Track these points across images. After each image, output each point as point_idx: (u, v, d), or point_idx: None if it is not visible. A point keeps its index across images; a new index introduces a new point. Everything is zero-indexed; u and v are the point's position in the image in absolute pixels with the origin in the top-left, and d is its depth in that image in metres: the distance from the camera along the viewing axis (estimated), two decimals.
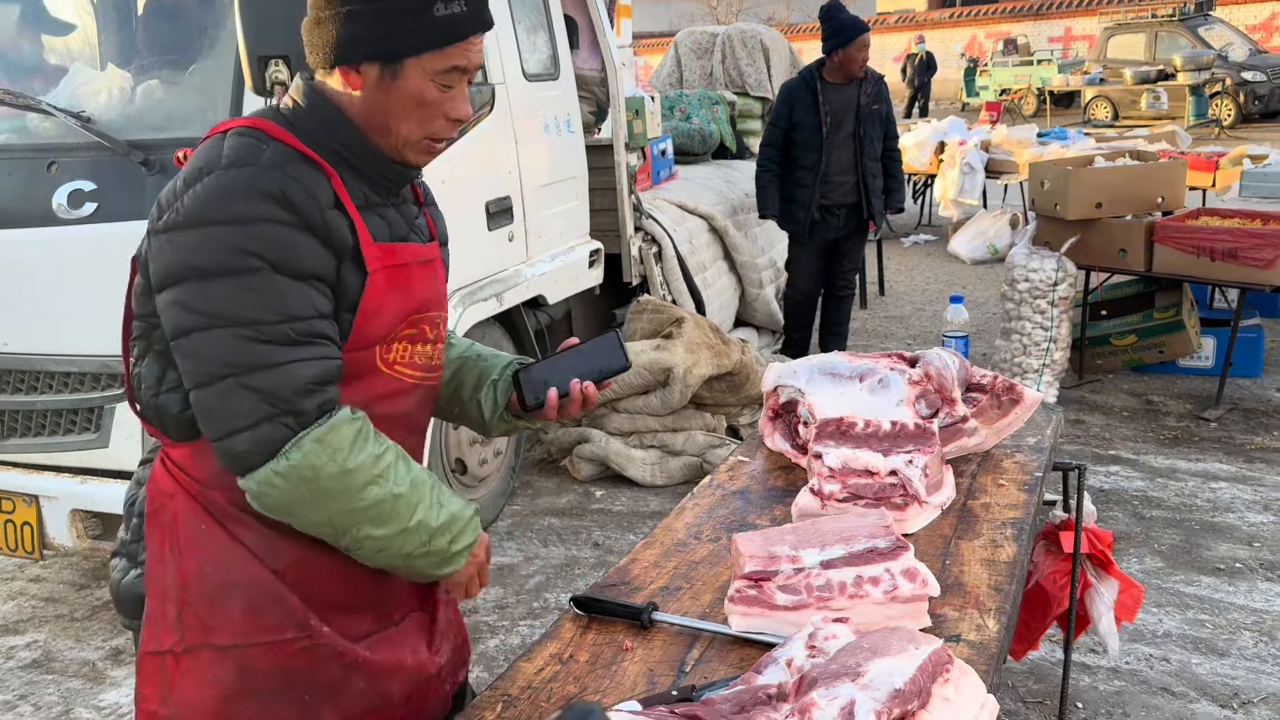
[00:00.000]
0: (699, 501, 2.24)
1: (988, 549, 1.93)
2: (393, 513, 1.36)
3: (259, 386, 1.29)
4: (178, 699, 1.41)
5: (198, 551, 1.41)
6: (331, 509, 1.33)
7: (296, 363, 1.31)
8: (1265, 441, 4.56)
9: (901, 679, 1.30)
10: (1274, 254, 4.52)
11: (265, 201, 1.30)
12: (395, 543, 1.38)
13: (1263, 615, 3.18)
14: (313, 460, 1.30)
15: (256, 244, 1.29)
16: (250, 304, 1.29)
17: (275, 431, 1.30)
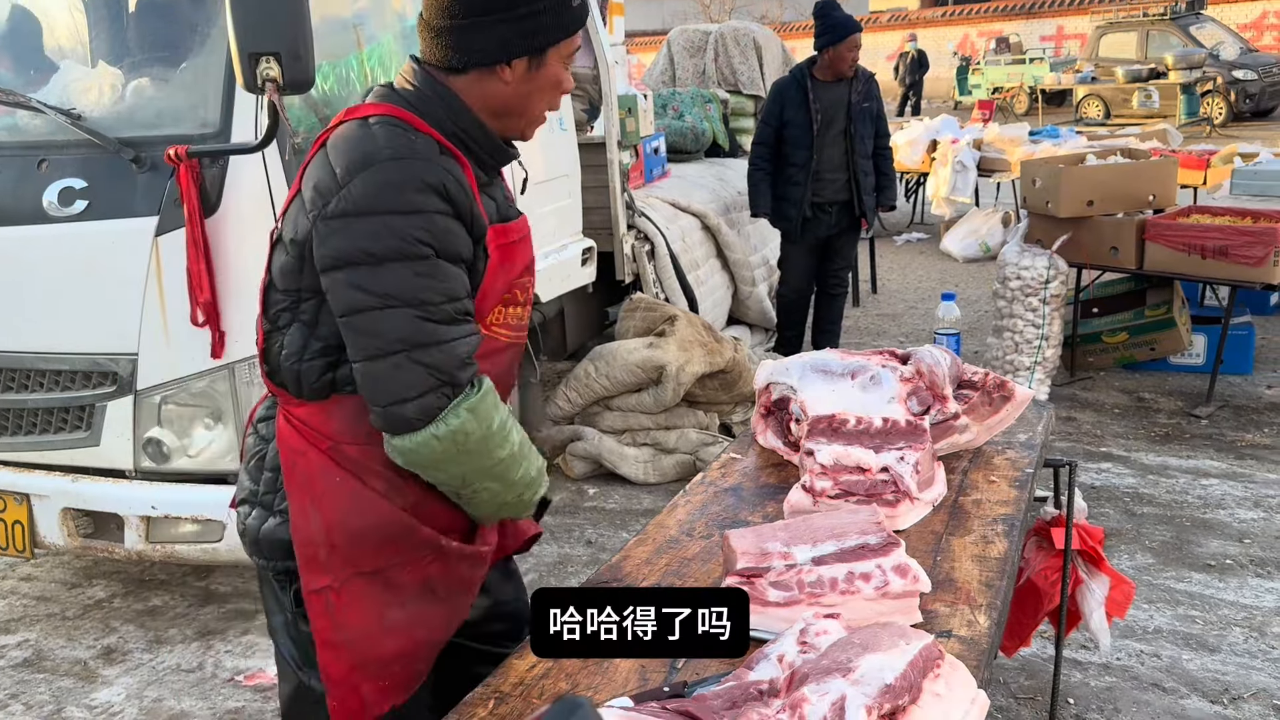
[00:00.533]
0: (691, 499, 2.24)
1: (979, 545, 1.93)
2: (510, 468, 1.56)
3: (428, 361, 1.45)
4: (346, 624, 1.61)
5: (336, 501, 1.59)
6: (470, 466, 1.52)
7: (457, 340, 1.48)
8: (1256, 438, 4.57)
9: (892, 674, 1.31)
10: (1264, 251, 4.53)
11: (431, 194, 1.45)
12: (504, 494, 1.59)
13: (1253, 611, 3.19)
14: (467, 426, 1.48)
15: (425, 233, 1.44)
16: (421, 287, 1.44)
17: (437, 400, 1.46)
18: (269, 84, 2.23)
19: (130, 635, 3.42)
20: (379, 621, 1.62)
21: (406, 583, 1.64)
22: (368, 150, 1.46)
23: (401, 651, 1.66)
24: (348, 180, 1.44)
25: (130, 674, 3.20)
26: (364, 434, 1.57)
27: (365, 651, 1.63)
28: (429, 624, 1.69)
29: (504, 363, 1.69)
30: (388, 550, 1.61)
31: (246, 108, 2.78)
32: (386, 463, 1.57)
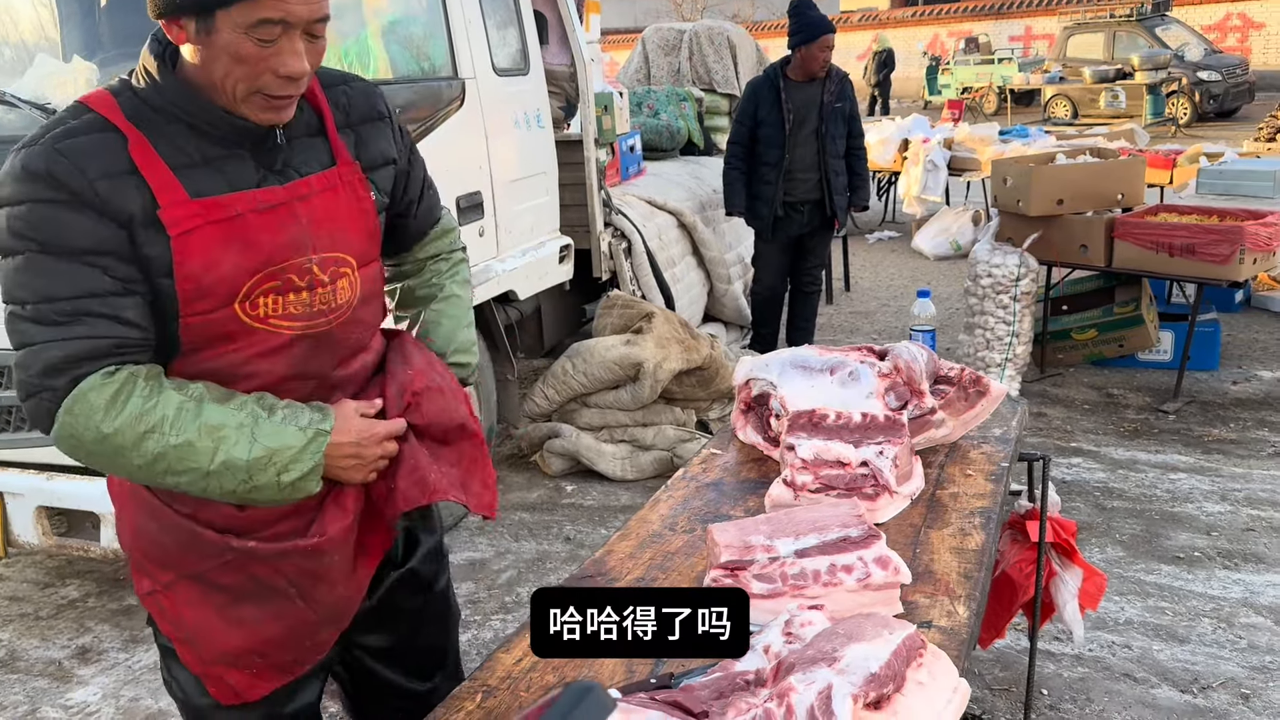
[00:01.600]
0: (673, 494, 2.26)
1: (957, 538, 1.96)
2: (183, 460, 1.37)
3: (21, 363, 1.36)
4: (184, 624, 1.56)
5: (133, 509, 1.55)
6: (120, 465, 1.38)
7: (48, 343, 1.34)
8: (1222, 433, 4.66)
9: (877, 663, 1.33)
10: (1230, 250, 4.62)
11: (31, 182, 1.32)
12: (212, 483, 1.39)
13: (1220, 602, 3.26)
14: (70, 430, 1.34)
15: (24, 225, 1.32)
16: (18, 283, 1.34)
17: (40, 406, 1.36)
18: None
19: (105, 635, 3.39)
20: (216, 619, 1.55)
21: (232, 582, 1.54)
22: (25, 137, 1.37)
23: (252, 645, 1.57)
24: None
25: (106, 674, 3.18)
26: None
27: (212, 647, 1.57)
28: (284, 615, 1.57)
29: (296, 355, 1.50)
30: (187, 556, 1.53)
31: None
32: None
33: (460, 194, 3.82)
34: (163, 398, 1.37)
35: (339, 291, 1.53)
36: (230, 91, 1.38)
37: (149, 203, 1.36)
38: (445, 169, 3.74)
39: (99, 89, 1.44)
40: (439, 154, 3.65)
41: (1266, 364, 5.57)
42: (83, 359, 1.34)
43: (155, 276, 1.38)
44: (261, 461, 1.39)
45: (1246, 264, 4.64)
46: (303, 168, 1.51)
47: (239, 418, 1.39)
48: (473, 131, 3.91)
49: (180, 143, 1.40)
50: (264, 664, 1.59)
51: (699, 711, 1.30)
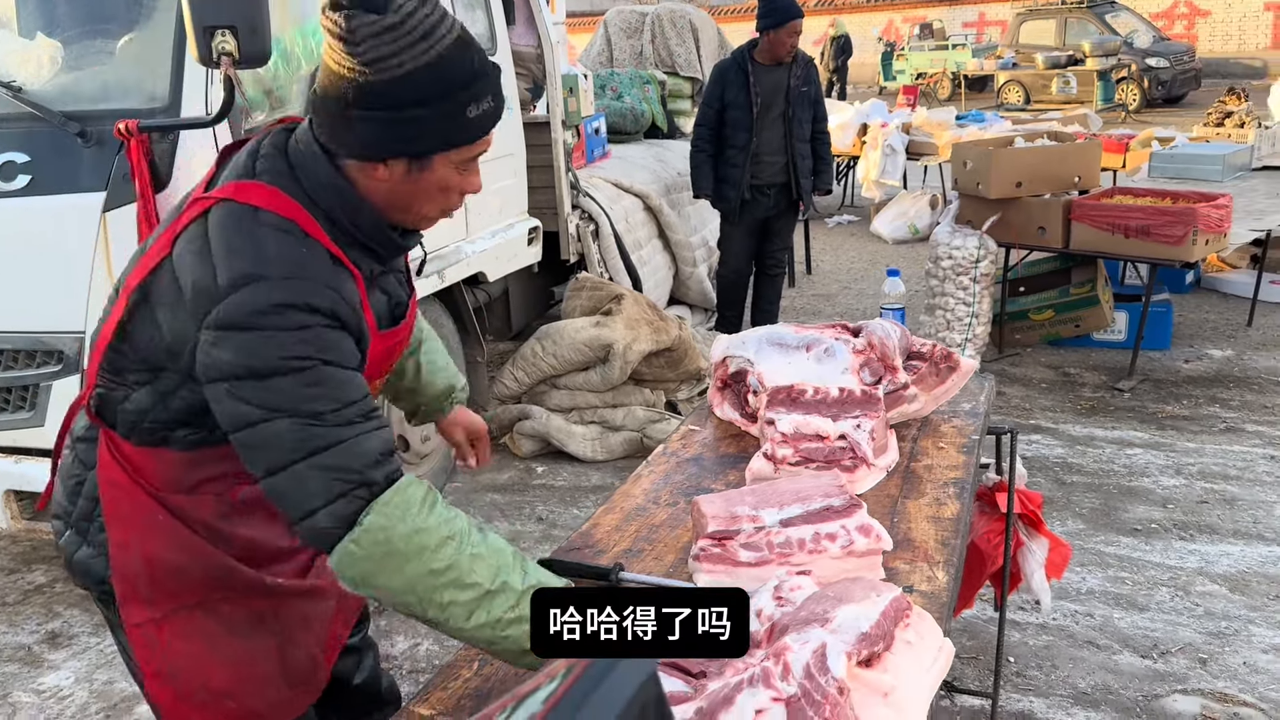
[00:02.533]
0: (654, 469, 2.29)
1: (933, 507, 2.02)
2: (472, 574, 1.34)
3: (329, 464, 1.33)
4: (172, 657, 1.57)
5: (159, 538, 1.53)
6: (409, 572, 1.33)
7: (361, 437, 1.35)
8: (1175, 410, 4.79)
9: (868, 623, 1.38)
10: (1184, 231, 4.74)
11: (315, 314, 1.35)
12: (482, 607, 1.34)
13: (1177, 572, 3.36)
14: (383, 522, 1.32)
15: (310, 346, 1.34)
16: (310, 396, 1.33)
17: (350, 505, 1.33)
18: (224, 58, 2.21)
19: (75, 619, 3.37)
20: (208, 652, 1.58)
21: (233, 614, 1.59)
22: (256, 262, 1.34)
23: (232, 684, 1.60)
24: (230, 292, 1.33)
25: (77, 658, 3.15)
26: (189, 486, 1.53)
27: (192, 681, 1.58)
28: (263, 657, 1.63)
29: None
30: (210, 586, 1.57)
31: (196, 81, 2.74)
32: (212, 513, 1.54)
33: None
34: (456, 511, 1.40)
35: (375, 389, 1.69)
36: (423, 215, 1.48)
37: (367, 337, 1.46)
38: None
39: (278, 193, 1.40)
40: None
41: (1216, 343, 5.73)
42: (390, 452, 1.38)
43: None
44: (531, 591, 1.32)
45: (1199, 245, 4.77)
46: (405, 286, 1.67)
47: (507, 548, 1.41)
48: None
49: (361, 264, 1.47)
50: (233, 710, 1.61)
51: (696, 671, 1.34)
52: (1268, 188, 6.26)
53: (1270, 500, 3.84)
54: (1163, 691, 2.75)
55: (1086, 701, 2.73)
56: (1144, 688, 2.78)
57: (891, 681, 1.33)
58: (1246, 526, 3.65)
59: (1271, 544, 3.52)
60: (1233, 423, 4.61)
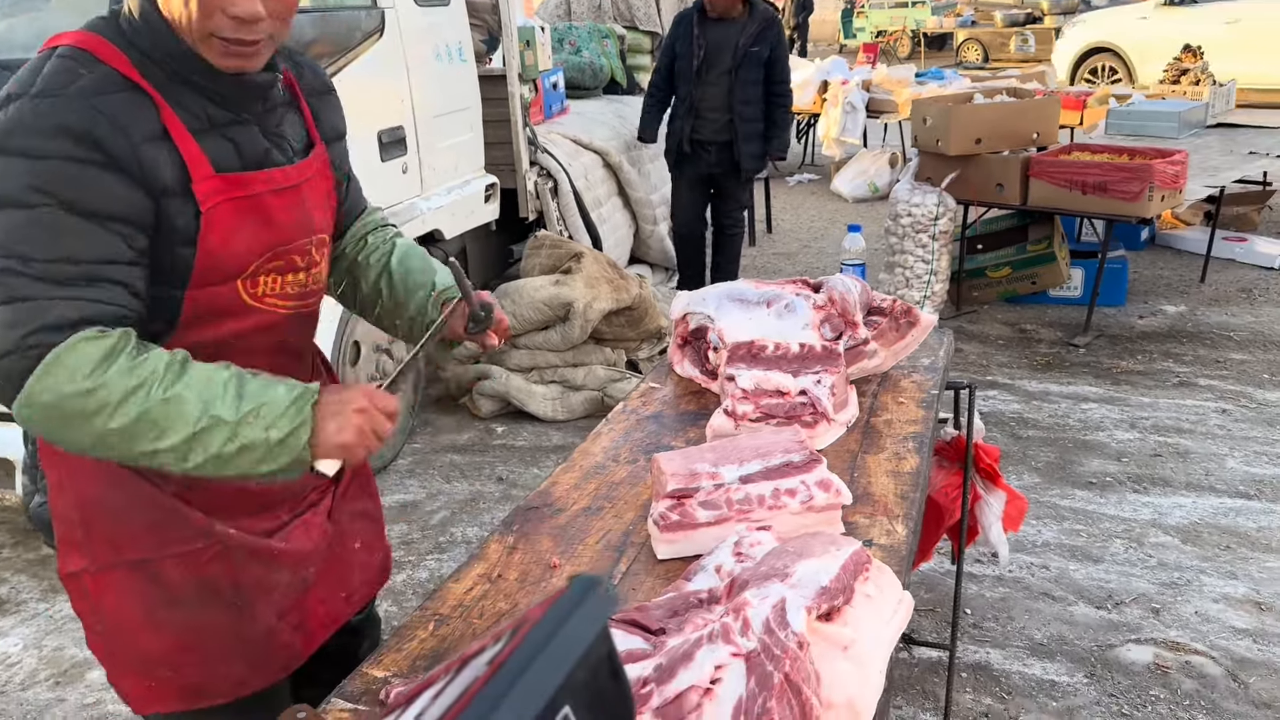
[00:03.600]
0: (614, 426, 2.27)
1: (892, 461, 2.01)
2: (168, 418, 1.23)
3: (11, 320, 1.22)
4: (104, 615, 1.49)
5: (91, 477, 1.43)
6: (94, 429, 1.23)
7: (57, 300, 1.23)
8: (1129, 365, 4.85)
9: (827, 577, 1.37)
10: (1140, 187, 4.77)
11: (64, 138, 1.24)
12: (196, 448, 1.24)
13: (1131, 524, 3.41)
14: (50, 383, 1.21)
15: (49, 181, 1.23)
16: (22, 238, 1.23)
17: (19, 364, 1.22)
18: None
19: (23, 586, 3.29)
20: (142, 616, 1.48)
21: (179, 579, 1.47)
22: (24, 83, 1.27)
23: (167, 653, 1.50)
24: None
25: (26, 624, 3.09)
26: None
27: (122, 645, 1.50)
28: (211, 631, 1.51)
29: (284, 332, 1.52)
30: (154, 536, 1.45)
31: None
32: None
33: (382, 128, 3.72)
34: (152, 355, 1.27)
35: (323, 271, 1.56)
36: (188, 31, 1.33)
37: (182, 173, 1.33)
38: (366, 102, 3.65)
39: (87, 33, 1.33)
40: (359, 87, 3.55)
41: (1170, 299, 5.80)
42: (93, 322, 1.25)
43: (177, 245, 1.34)
44: (249, 416, 1.26)
45: (1155, 200, 4.80)
46: (295, 141, 1.51)
47: (224, 376, 1.29)
48: (393, 63, 3.81)
49: (192, 106, 1.36)
50: (169, 680, 1.52)
51: (656, 629, 1.32)
52: (1221, 145, 6.32)
53: (1221, 453, 3.90)
54: (1116, 641, 2.80)
55: (1042, 652, 2.76)
56: (1098, 638, 2.82)
57: (851, 635, 1.32)
58: (1199, 479, 3.71)
59: (1222, 495, 3.58)
60: (1186, 377, 4.67)
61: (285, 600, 1.58)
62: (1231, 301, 5.72)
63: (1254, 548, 3.24)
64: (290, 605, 1.59)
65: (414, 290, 1.74)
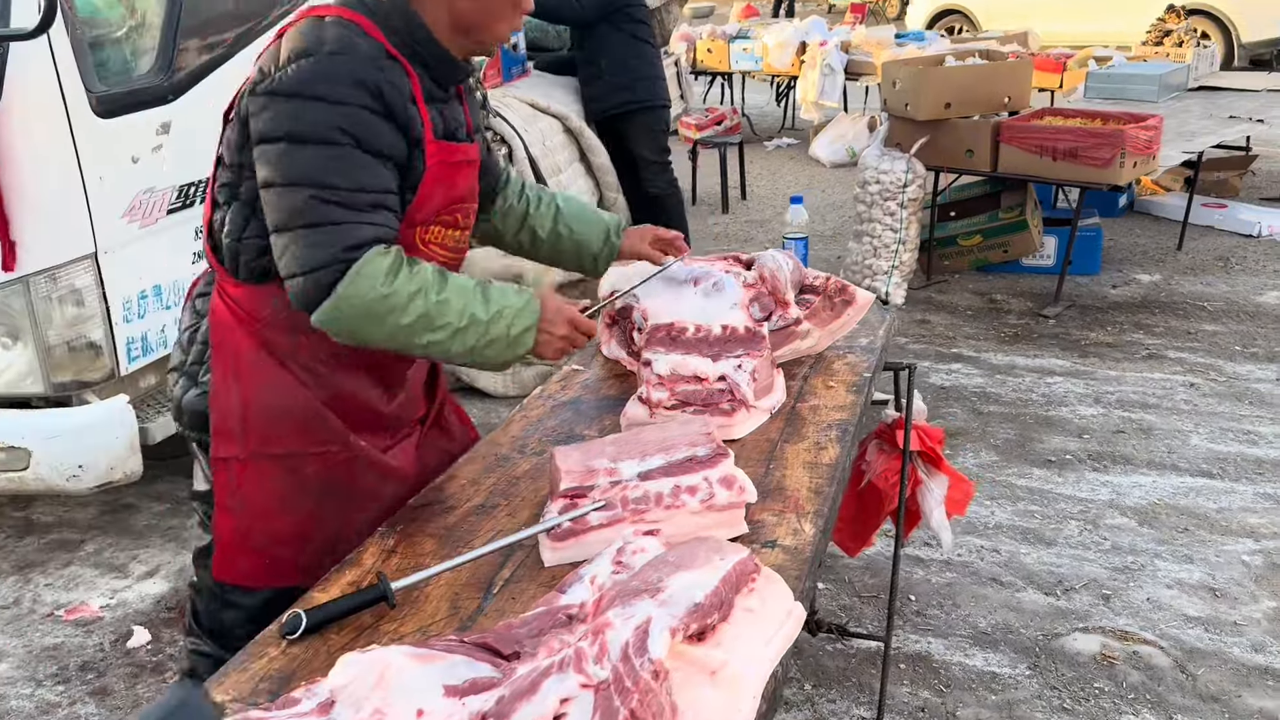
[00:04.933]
0: (528, 413, 2.16)
1: (811, 451, 1.90)
2: (440, 316, 1.58)
3: (323, 240, 1.53)
4: (243, 497, 1.74)
5: (258, 378, 1.70)
6: (387, 326, 1.56)
7: (358, 224, 1.54)
8: (1099, 337, 4.74)
9: (703, 592, 1.26)
10: (1111, 154, 4.63)
11: (360, 89, 1.54)
12: (457, 340, 1.60)
13: (1088, 505, 3.31)
14: (356, 290, 1.53)
15: (347, 122, 1.53)
16: (330, 170, 1.53)
17: (330, 276, 1.53)
18: None
19: None
20: (276, 501, 1.73)
21: (311, 474, 1.74)
22: (312, 41, 1.55)
23: (292, 534, 1.75)
24: (287, 64, 1.53)
25: None
26: (293, 324, 1.65)
27: (255, 524, 1.74)
28: (328, 518, 1.76)
29: None
30: (298, 436, 1.72)
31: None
32: (312, 354, 1.71)
33: None
34: (422, 266, 1.59)
35: (468, 234, 1.88)
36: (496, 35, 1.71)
37: (421, 133, 1.65)
38: None
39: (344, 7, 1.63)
40: None
41: (1145, 268, 5.68)
42: (379, 240, 1.56)
43: (406, 189, 1.66)
44: (496, 316, 1.62)
45: (1127, 167, 4.67)
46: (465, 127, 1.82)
47: (471, 284, 1.63)
48: None
49: (424, 81, 1.67)
50: (287, 559, 1.76)
51: (509, 653, 1.21)
52: (1202, 108, 6.17)
53: (1186, 429, 3.80)
54: (1063, 630, 2.70)
55: (985, 642, 2.67)
56: (1045, 626, 2.73)
57: (722, 658, 1.21)
58: (1161, 456, 3.61)
59: (1184, 474, 3.48)
60: (1155, 349, 4.57)
61: (382, 512, 1.75)
62: (1207, 270, 5.61)
63: (1212, 530, 3.15)
64: (384, 516, 1.74)
65: (593, 225, 2.18)
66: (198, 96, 2.98)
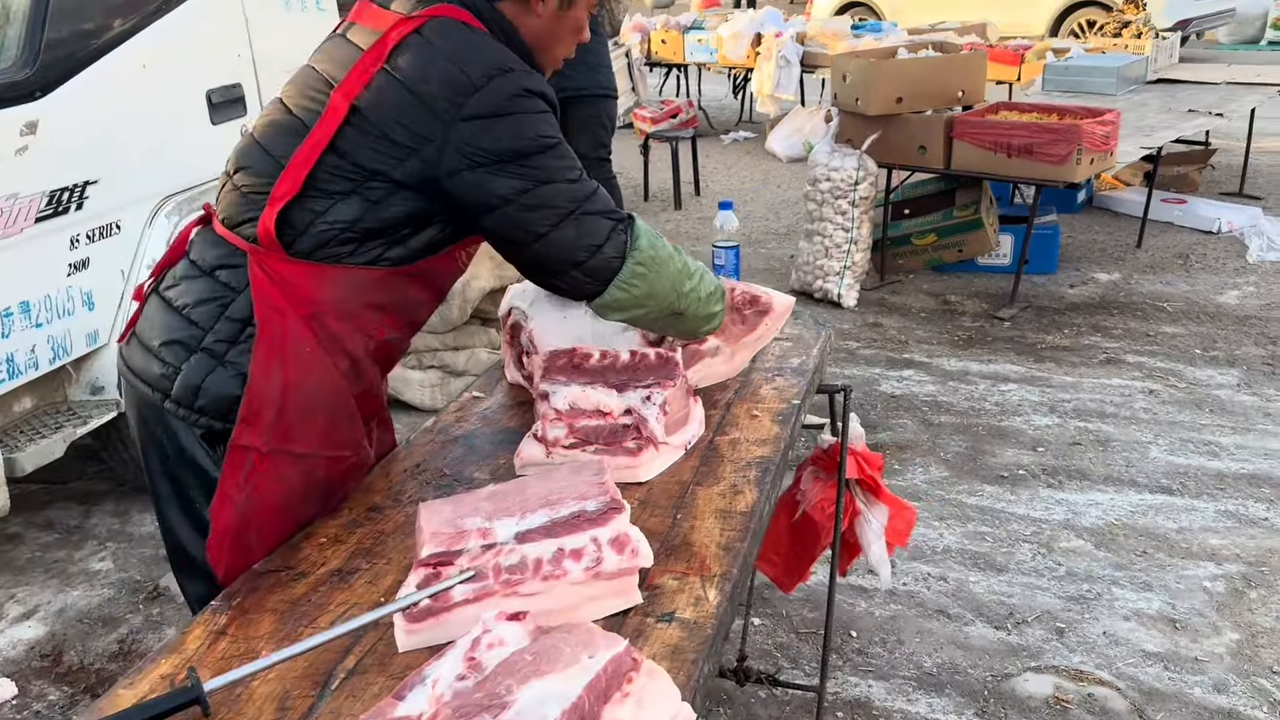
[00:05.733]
0: (414, 450, 1.91)
1: (726, 496, 1.68)
2: (685, 265, 1.78)
3: (597, 209, 1.64)
4: (251, 489, 1.62)
5: (301, 367, 1.61)
6: (669, 272, 1.73)
7: (599, 190, 1.67)
8: (1056, 340, 4.56)
9: (558, 708, 1.03)
10: (1067, 150, 4.45)
11: (543, 99, 1.62)
12: (701, 286, 1.80)
13: (1041, 525, 3.13)
14: (647, 240, 1.70)
15: (552, 128, 1.63)
16: (563, 165, 1.62)
17: (620, 235, 1.66)
18: None
19: None
20: (281, 505, 1.64)
21: (321, 478, 1.68)
22: (497, 57, 1.58)
23: (274, 538, 1.64)
24: (485, 83, 1.55)
25: None
26: (350, 310, 1.63)
27: (251, 519, 1.62)
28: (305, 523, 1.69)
29: (448, 281, 1.80)
30: (325, 436, 1.66)
31: None
32: (360, 346, 1.67)
33: (212, 87, 3.29)
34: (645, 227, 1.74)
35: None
36: (557, 58, 1.77)
37: None
38: (191, 57, 3.22)
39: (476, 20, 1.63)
40: (181, 40, 3.13)
41: (1104, 266, 5.52)
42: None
43: None
44: (717, 294, 1.87)
45: (1084, 164, 4.49)
46: None
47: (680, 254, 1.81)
48: (228, 13, 3.37)
49: None
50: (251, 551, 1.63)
51: None
52: (1160, 101, 6.02)
53: (1145, 440, 3.63)
54: (1014, 670, 2.51)
55: (930, 684, 2.47)
56: (994, 665, 2.53)
57: None
58: (1119, 471, 3.43)
59: (1143, 490, 3.31)
60: (1113, 353, 4.40)
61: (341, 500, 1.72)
62: (1167, 269, 5.46)
63: (1172, 552, 2.97)
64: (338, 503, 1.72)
65: None
66: (73, 93, 2.70)
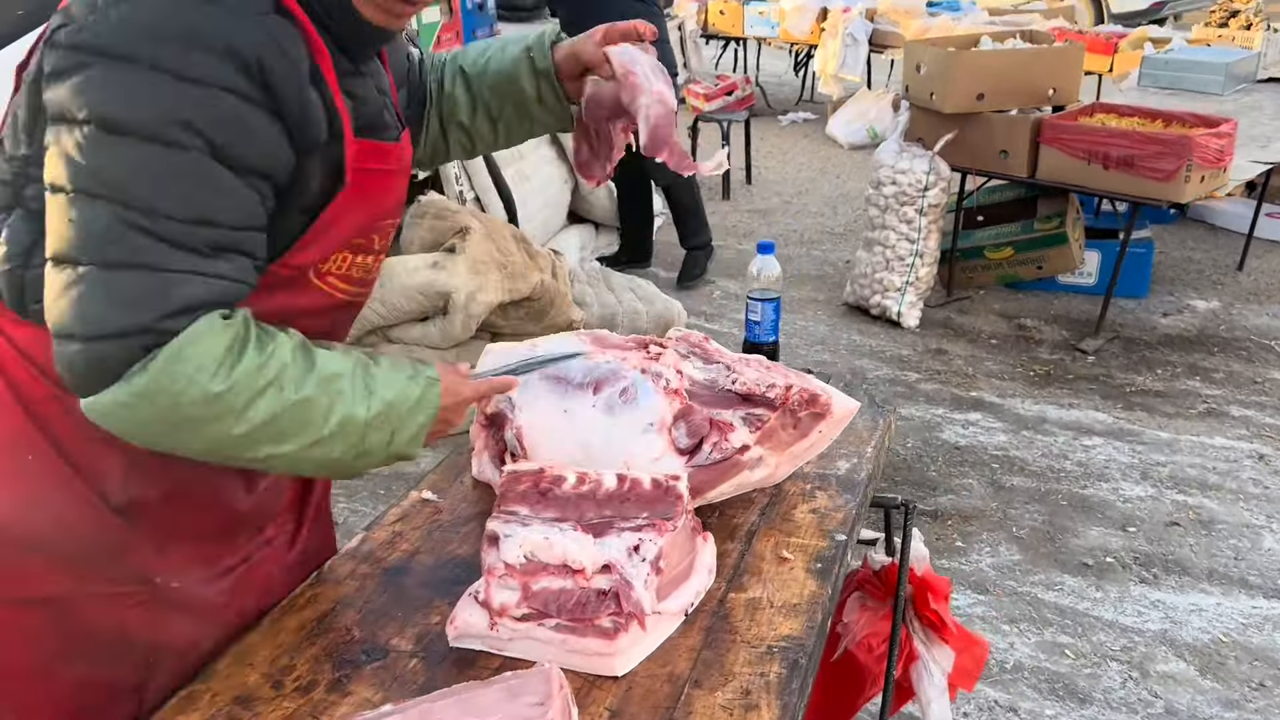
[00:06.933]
0: (320, 590, 1.43)
1: (735, 712, 1.19)
2: (297, 422, 1.09)
3: (125, 294, 1.00)
4: None
5: (19, 485, 1.14)
6: (211, 435, 1.06)
7: (186, 275, 1.02)
8: (1147, 382, 3.98)
9: None
10: (1175, 165, 3.84)
11: (229, 62, 1.00)
12: (314, 453, 1.12)
13: (1134, 637, 2.59)
14: (166, 384, 1.01)
15: (201, 115, 1.00)
16: (160, 186, 1.00)
17: (123, 351, 1.00)
18: None
19: None
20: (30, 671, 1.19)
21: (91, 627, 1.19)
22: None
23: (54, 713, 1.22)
24: (109, 6, 0.99)
25: None
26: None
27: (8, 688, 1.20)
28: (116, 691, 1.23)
29: (332, 321, 1.30)
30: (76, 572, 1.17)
31: None
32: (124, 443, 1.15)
33: None
34: (278, 341, 1.09)
35: (378, 263, 1.33)
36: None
37: (328, 130, 1.12)
38: None
39: None
40: None
41: (1201, 291, 4.89)
42: (219, 304, 1.05)
43: (294, 211, 1.13)
44: (380, 418, 1.15)
45: (1194, 182, 3.88)
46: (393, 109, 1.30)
47: (349, 365, 1.14)
48: None
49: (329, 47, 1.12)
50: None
51: None
52: (1275, 104, 5.32)
53: (1256, 523, 3.06)
54: None
55: None
56: None
57: None
58: (1225, 563, 2.88)
59: (1255, 593, 2.75)
60: (1215, 403, 3.81)
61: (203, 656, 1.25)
62: (1275, 297, 4.82)
63: None
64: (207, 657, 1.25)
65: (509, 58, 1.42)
66: None
